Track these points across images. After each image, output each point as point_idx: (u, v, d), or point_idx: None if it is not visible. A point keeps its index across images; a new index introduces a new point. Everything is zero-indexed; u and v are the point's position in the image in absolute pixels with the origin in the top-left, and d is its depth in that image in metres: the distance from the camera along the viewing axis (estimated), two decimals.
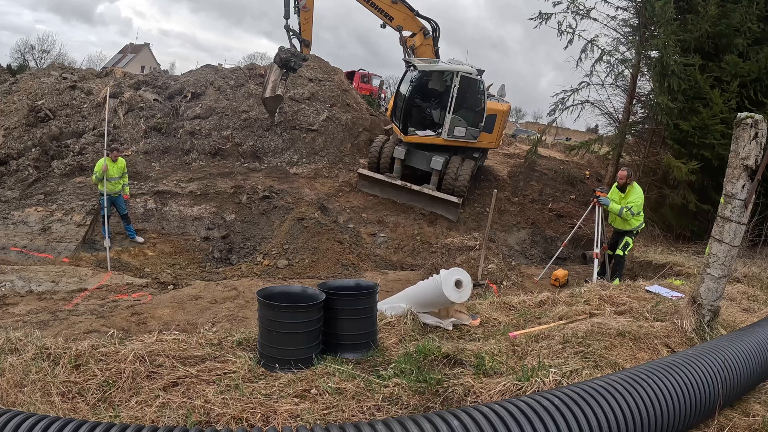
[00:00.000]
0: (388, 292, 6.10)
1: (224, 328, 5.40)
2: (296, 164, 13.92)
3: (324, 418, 2.44)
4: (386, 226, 11.62)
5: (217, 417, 2.38)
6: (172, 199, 11.26)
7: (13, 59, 40.67)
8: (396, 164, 12.62)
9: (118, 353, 2.85)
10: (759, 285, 6.28)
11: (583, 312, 4.41)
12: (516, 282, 8.55)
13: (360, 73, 26.72)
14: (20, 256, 8.89)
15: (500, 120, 12.68)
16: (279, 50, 12.79)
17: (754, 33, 10.65)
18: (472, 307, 4.48)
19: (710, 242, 3.82)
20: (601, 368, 3.14)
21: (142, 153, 13.11)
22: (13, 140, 12.12)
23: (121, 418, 2.32)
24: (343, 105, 16.16)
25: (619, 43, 12.85)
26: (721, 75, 10.78)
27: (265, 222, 11.15)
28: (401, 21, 13.13)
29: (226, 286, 7.92)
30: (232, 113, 14.51)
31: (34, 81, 14.54)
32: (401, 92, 12.82)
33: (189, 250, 10.15)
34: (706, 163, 10.62)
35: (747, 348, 3.00)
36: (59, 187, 11.02)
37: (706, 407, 2.53)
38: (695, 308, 3.87)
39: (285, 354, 2.91)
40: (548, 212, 13.26)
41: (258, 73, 16.58)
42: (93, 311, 6.44)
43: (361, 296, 3.32)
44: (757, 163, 3.54)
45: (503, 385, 2.77)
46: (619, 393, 2.24)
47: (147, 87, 15.47)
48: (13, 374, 2.54)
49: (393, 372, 2.92)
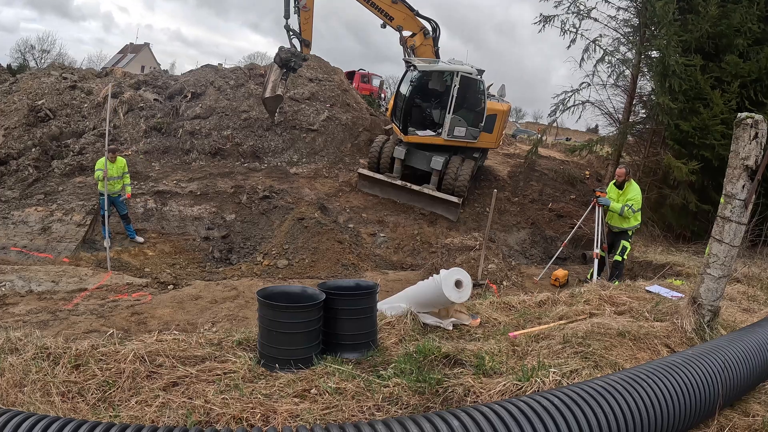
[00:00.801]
0: (388, 292, 6.10)
1: (224, 328, 5.41)
2: (296, 164, 13.92)
3: (324, 418, 2.44)
4: (386, 226, 11.62)
5: (217, 417, 2.38)
6: (172, 199, 11.26)
7: (13, 59, 40.73)
8: (396, 164, 12.62)
9: (118, 353, 2.85)
10: (759, 285, 6.28)
11: (583, 312, 4.41)
12: (516, 282, 8.55)
13: (360, 73, 26.73)
14: (20, 256, 8.89)
15: (500, 120, 12.68)
16: (279, 50, 12.79)
17: (754, 33, 10.66)
18: (472, 307, 4.48)
19: (710, 242, 3.82)
20: (601, 368, 3.14)
21: (142, 153, 13.11)
22: (13, 140, 12.12)
23: (121, 418, 2.32)
24: (343, 105, 16.16)
25: (619, 44, 12.85)
26: (722, 75, 10.78)
27: (265, 222, 11.15)
28: (401, 21, 13.13)
29: (226, 286, 7.92)
30: (232, 113, 14.51)
31: (34, 81, 14.54)
32: (401, 92, 12.82)
33: (189, 250, 10.15)
34: (706, 163, 10.62)
35: (747, 348, 3.00)
36: (59, 187, 11.02)
37: (706, 407, 2.53)
38: (695, 308, 3.87)
39: (285, 354, 2.91)
40: (548, 212, 13.26)
41: (258, 73, 16.58)
42: (93, 311, 6.44)
43: (361, 296, 3.32)
44: (757, 163, 3.54)
45: (503, 385, 2.77)
46: (619, 393, 2.24)
47: (147, 87, 15.47)
48: (13, 374, 2.54)
49: (393, 372, 2.92)
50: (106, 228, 8.97)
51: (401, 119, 12.48)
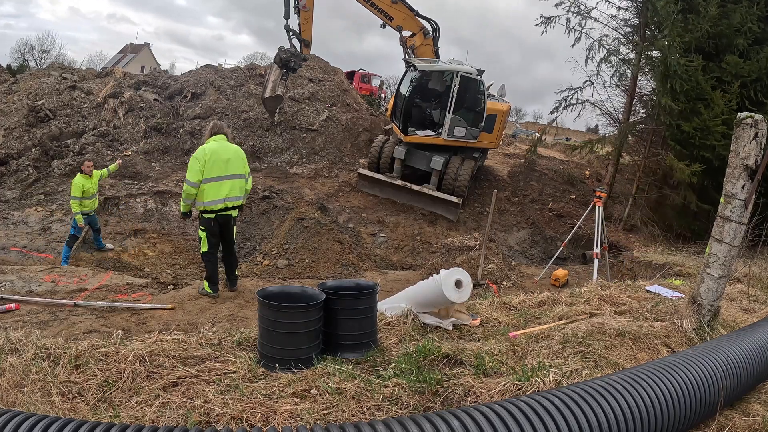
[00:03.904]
0: (388, 292, 6.09)
1: (224, 328, 5.40)
2: (296, 164, 13.92)
3: (324, 418, 2.43)
4: (386, 226, 11.62)
5: (217, 417, 2.38)
6: (172, 199, 11.26)
7: (13, 59, 40.75)
8: (396, 164, 12.62)
9: (118, 353, 2.85)
10: (759, 285, 6.28)
11: (583, 312, 4.41)
12: (516, 282, 8.54)
13: (360, 73, 26.76)
14: (20, 256, 8.89)
15: (500, 120, 12.69)
16: (279, 50, 12.80)
17: (754, 33, 10.65)
18: (472, 307, 4.48)
19: (710, 242, 3.82)
20: (601, 368, 3.14)
21: (142, 153, 13.11)
22: (13, 140, 12.13)
23: (121, 418, 2.32)
24: (343, 105, 16.17)
25: (619, 44, 12.84)
26: (722, 75, 10.77)
27: (265, 222, 11.14)
28: (401, 21, 13.14)
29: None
30: (232, 113, 14.52)
31: (34, 81, 14.55)
32: (401, 92, 12.82)
33: (189, 250, 10.15)
34: (706, 163, 10.61)
35: (747, 348, 3.00)
36: (59, 187, 11.02)
37: (706, 407, 2.53)
38: (695, 308, 3.87)
39: (285, 354, 2.91)
40: (548, 212, 13.26)
41: (258, 73, 16.59)
42: (93, 311, 6.44)
43: (361, 296, 3.32)
44: (757, 163, 3.54)
45: (503, 385, 2.77)
46: (619, 393, 2.24)
47: (147, 87, 15.48)
48: (13, 374, 2.54)
49: (393, 372, 2.92)
50: (69, 251, 8.50)
51: (401, 119, 12.48)
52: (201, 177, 5.82)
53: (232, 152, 6.00)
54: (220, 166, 5.89)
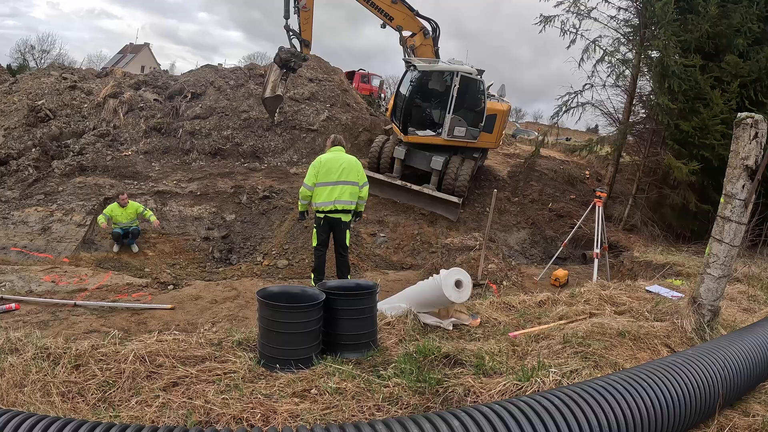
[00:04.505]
0: (388, 292, 6.09)
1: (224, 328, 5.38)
2: (296, 164, 13.92)
3: (324, 418, 2.43)
4: (386, 226, 11.62)
5: (217, 417, 2.38)
6: (172, 199, 11.26)
7: (13, 59, 40.75)
8: (396, 164, 12.61)
9: (118, 353, 2.85)
10: (759, 285, 6.28)
11: (583, 312, 4.41)
12: (516, 282, 8.54)
13: (360, 73, 26.75)
14: (20, 256, 8.89)
15: (500, 120, 12.68)
16: (279, 50, 12.79)
17: (754, 33, 10.66)
18: (472, 307, 4.48)
19: (710, 242, 3.82)
20: (601, 368, 3.14)
21: (142, 153, 13.11)
22: (13, 140, 12.13)
23: (121, 418, 2.32)
24: (343, 105, 16.17)
25: (619, 44, 12.84)
26: (722, 75, 10.78)
27: (265, 222, 11.15)
28: (401, 21, 13.12)
29: (226, 286, 7.92)
30: (232, 113, 14.52)
31: (34, 81, 14.55)
32: (401, 92, 12.81)
33: (189, 250, 10.16)
34: (706, 163, 10.61)
35: (747, 348, 3.00)
36: (59, 187, 11.02)
37: (706, 407, 2.53)
38: (695, 308, 3.87)
39: (285, 354, 2.91)
40: (548, 212, 13.26)
41: (258, 73, 16.58)
42: (93, 311, 6.44)
43: (361, 296, 3.32)
44: (757, 163, 3.54)
45: (503, 385, 2.77)
46: (619, 393, 2.24)
47: (147, 87, 15.48)
48: (13, 374, 2.54)
49: (393, 372, 2.92)
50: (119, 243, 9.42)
51: (401, 119, 12.48)
52: (315, 181, 6.54)
53: (346, 161, 6.68)
54: (333, 172, 6.54)
